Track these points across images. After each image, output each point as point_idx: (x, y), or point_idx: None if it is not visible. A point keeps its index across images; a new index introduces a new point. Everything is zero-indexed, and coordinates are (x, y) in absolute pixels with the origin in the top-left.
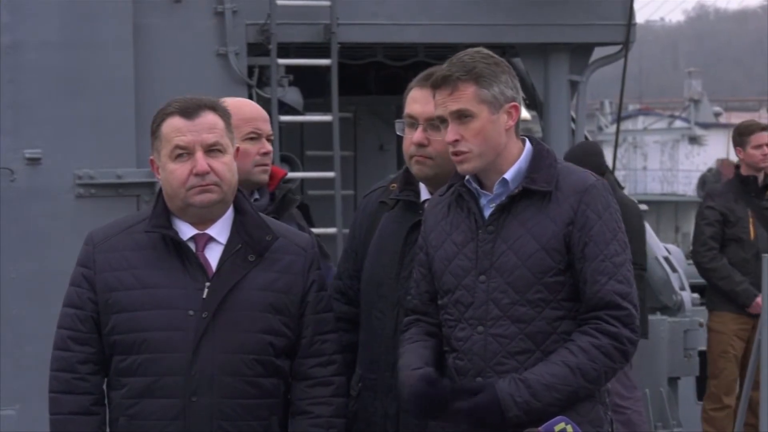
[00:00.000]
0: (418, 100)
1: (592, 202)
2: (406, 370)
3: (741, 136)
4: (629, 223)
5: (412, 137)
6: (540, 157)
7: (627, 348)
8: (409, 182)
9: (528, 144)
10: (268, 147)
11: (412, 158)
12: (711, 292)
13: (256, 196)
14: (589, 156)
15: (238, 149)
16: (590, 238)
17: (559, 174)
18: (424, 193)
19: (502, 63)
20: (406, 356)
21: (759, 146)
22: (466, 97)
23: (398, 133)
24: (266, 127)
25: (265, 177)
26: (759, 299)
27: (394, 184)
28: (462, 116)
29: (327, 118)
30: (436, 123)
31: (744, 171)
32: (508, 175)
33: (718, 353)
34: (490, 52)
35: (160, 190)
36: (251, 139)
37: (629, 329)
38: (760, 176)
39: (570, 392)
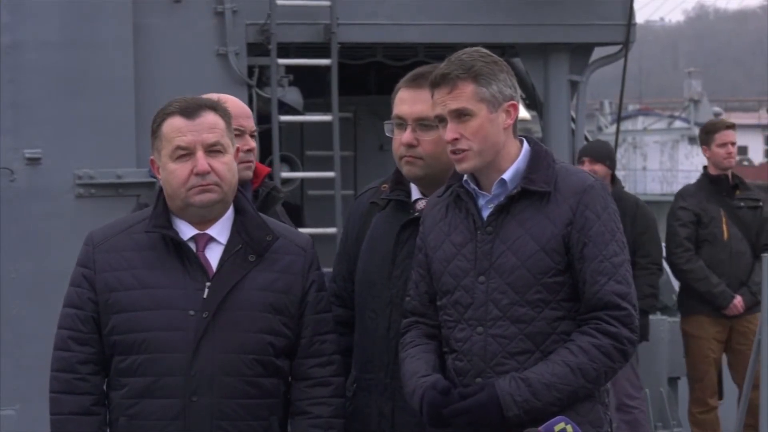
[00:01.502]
0: (406, 101)
1: (591, 203)
2: (414, 378)
3: (707, 134)
4: (647, 224)
5: (401, 138)
6: (538, 158)
7: (626, 348)
8: (400, 182)
9: (526, 144)
10: (252, 144)
11: (401, 159)
12: (685, 295)
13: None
14: (609, 153)
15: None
16: (589, 239)
17: (558, 174)
18: (415, 193)
19: (500, 62)
20: (410, 362)
21: (723, 144)
22: (465, 95)
23: (387, 134)
24: (249, 124)
25: (249, 174)
26: (736, 301)
27: (385, 185)
28: (461, 115)
29: (327, 118)
30: (426, 123)
31: (711, 170)
32: (506, 176)
33: (699, 358)
34: (488, 51)
35: (161, 190)
36: (235, 136)
37: (628, 329)
38: (729, 174)
39: (570, 392)
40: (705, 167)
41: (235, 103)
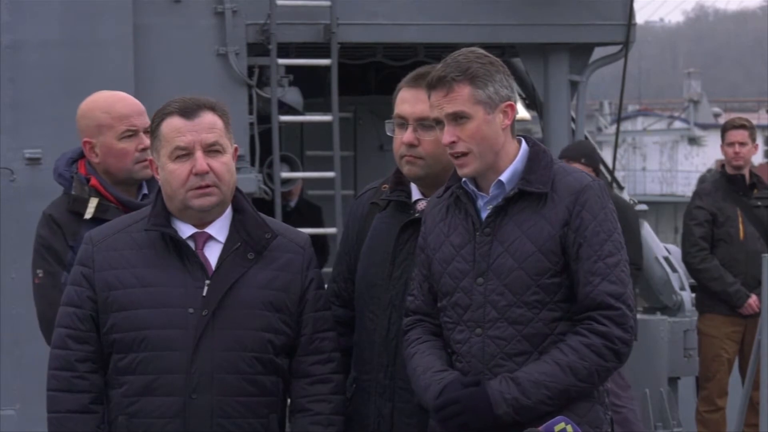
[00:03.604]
0: (407, 101)
1: (587, 203)
2: (428, 372)
3: (722, 132)
4: (626, 222)
5: (402, 137)
6: (536, 158)
7: (618, 347)
8: (400, 182)
9: (524, 144)
10: (147, 142)
11: (402, 158)
12: (701, 294)
13: (145, 191)
14: (585, 151)
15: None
16: (584, 239)
17: (556, 175)
18: (416, 193)
19: (497, 62)
20: (421, 357)
21: (731, 144)
22: (462, 98)
23: (388, 133)
24: (141, 122)
25: (148, 172)
26: (751, 300)
27: (386, 185)
28: (458, 118)
29: (327, 118)
30: (427, 123)
31: (728, 169)
32: (503, 177)
33: (711, 357)
34: (484, 52)
35: (159, 190)
36: (128, 137)
37: (621, 329)
38: (746, 173)
39: (560, 390)
40: (723, 165)
41: (124, 102)
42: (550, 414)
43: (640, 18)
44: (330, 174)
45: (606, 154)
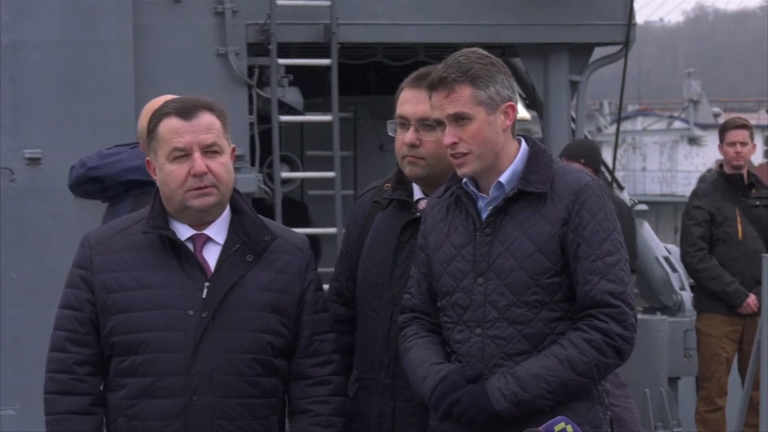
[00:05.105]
0: (409, 101)
1: (586, 203)
2: (425, 364)
3: (720, 132)
4: (621, 224)
5: (403, 138)
6: (536, 158)
7: (618, 344)
8: (402, 182)
9: (524, 144)
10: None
11: (404, 159)
12: (700, 293)
13: None
14: (585, 151)
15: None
16: (583, 239)
17: (555, 174)
18: (417, 193)
19: (498, 63)
20: (417, 351)
21: (732, 144)
22: (463, 99)
23: (390, 133)
24: None
25: None
26: (749, 300)
27: (388, 184)
28: (459, 119)
29: (327, 118)
30: (428, 123)
31: (726, 169)
32: (503, 178)
33: (710, 356)
34: (485, 52)
35: (157, 191)
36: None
37: (621, 326)
38: (745, 173)
39: (559, 383)
40: (721, 165)
41: None
42: (549, 409)
43: (640, 18)
44: (330, 174)
45: (606, 154)
